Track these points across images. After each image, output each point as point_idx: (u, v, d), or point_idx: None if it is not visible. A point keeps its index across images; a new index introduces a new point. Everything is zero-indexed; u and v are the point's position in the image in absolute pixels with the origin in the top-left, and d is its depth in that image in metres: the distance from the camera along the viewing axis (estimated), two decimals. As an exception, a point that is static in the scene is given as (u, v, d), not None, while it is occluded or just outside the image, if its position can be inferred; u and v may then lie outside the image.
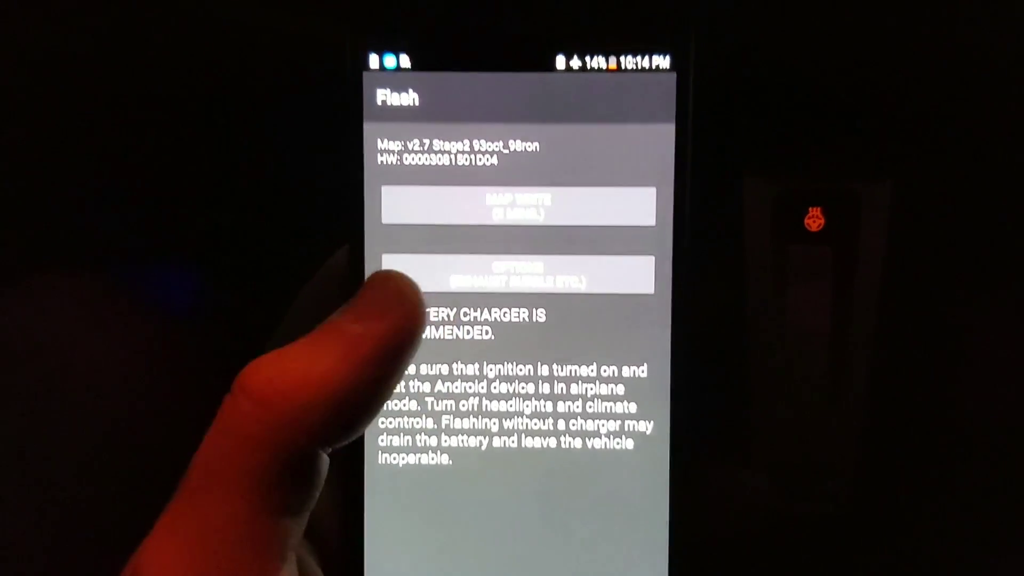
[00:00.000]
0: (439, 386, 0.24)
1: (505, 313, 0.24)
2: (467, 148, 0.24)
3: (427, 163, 0.24)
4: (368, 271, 0.24)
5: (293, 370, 0.19)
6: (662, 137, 0.24)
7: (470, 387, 0.24)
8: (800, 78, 0.29)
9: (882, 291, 0.29)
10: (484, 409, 0.24)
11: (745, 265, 0.30)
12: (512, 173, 0.24)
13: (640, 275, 0.24)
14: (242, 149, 0.27)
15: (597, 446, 0.24)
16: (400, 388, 0.24)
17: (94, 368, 0.28)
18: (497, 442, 0.24)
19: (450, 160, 0.24)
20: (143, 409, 0.28)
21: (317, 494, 0.19)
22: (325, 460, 0.19)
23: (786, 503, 0.30)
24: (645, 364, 0.24)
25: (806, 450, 0.30)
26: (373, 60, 0.24)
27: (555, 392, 0.24)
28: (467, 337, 0.24)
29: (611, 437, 0.24)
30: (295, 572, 0.20)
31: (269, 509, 0.18)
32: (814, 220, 0.30)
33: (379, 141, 0.24)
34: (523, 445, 0.24)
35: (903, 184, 0.29)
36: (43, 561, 0.22)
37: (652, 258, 0.24)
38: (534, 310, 0.24)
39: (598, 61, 0.24)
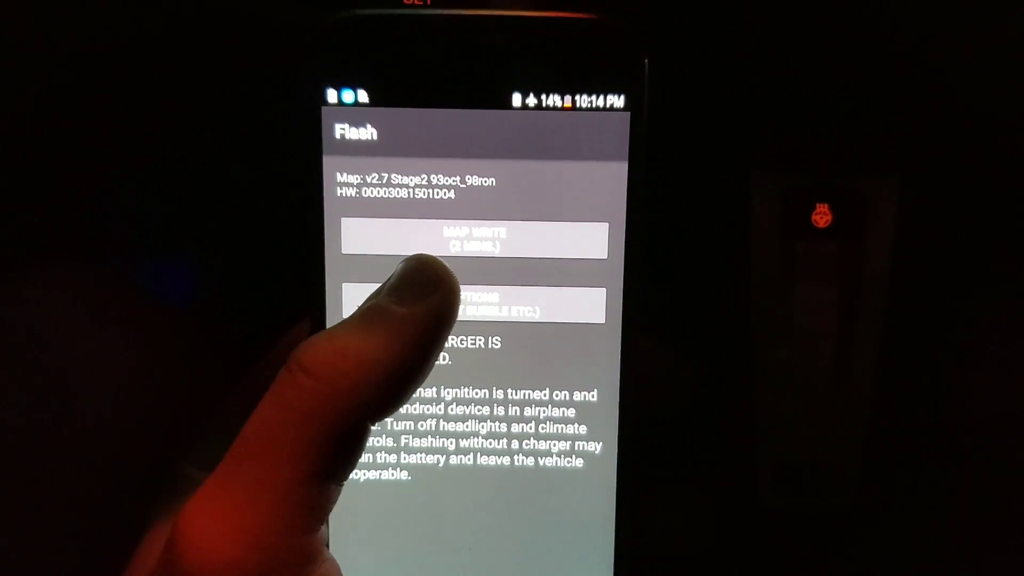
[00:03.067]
0: None
1: (462, 340, 0.25)
2: (425, 182, 0.24)
3: (386, 196, 0.25)
4: (329, 300, 0.25)
5: (348, 349, 0.20)
6: (615, 174, 0.24)
7: (428, 409, 0.26)
8: (806, 74, 0.29)
9: (889, 287, 0.30)
10: (441, 429, 0.26)
11: (751, 262, 0.30)
12: (469, 207, 0.25)
13: (592, 306, 0.25)
14: (206, 179, 0.28)
15: (548, 464, 0.26)
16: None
17: (95, 361, 0.29)
18: (454, 460, 0.26)
19: (408, 193, 0.25)
20: (143, 402, 0.29)
21: (357, 463, 0.21)
22: (368, 431, 0.21)
23: (789, 500, 0.31)
24: (595, 389, 0.25)
25: (810, 447, 0.31)
26: (331, 95, 0.24)
27: (509, 414, 0.26)
28: None
29: (562, 456, 0.26)
30: (327, 535, 0.21)
31: (319, 476, 0.20)
32: (821, 216, 0.30)
33: (338, 174, 0.24)
34: (478, 463, 0.26)
35: (910, 180, 0.30)
36: (43, 551, 0.23)
37: (604, 290, 0.25)
38: (490, 338, 0.25)
39: (553, 99, 0.24)
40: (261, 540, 0.20)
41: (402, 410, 0.25)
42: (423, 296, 0.22)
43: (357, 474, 0.26)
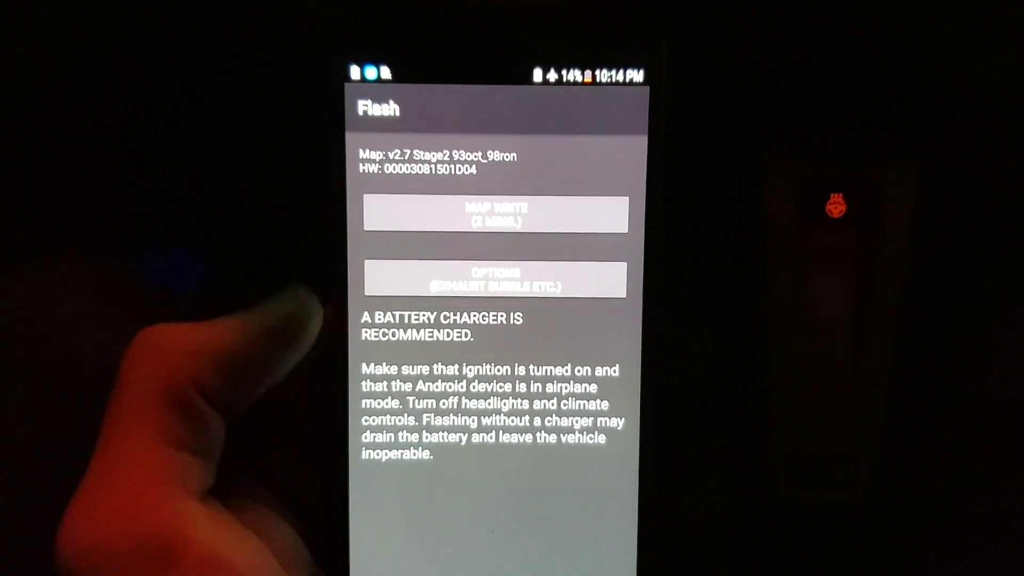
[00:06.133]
0: (420, 385, 0.25)
1: (484, 316, 0.25)
2: (447, 158, 0.25)
3: (408, 172, 0.25)
4: (351, 276, 0.25)
5: (183, 328, 0.23)
6: (635, 148, 0.25)
7: (450, 387, 0.25)
8: (822, 62, 0.29)
9: (905, 279, 0.30)
10: (463, 407, 0.26)
11: (766, 251, 0.30)
12: (490, 182, 0.25)
13: (613, 280, 0.25)
14: (230, 156, 0.28)
15: (571, 441, 0.26)
16: (383, 387, 0.25)
17: (95, 356, 0.29)
18: (476, 438, 0.26)
19: (430, 169, 0.25)
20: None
21: (209, 441, 0.22)
22: (199, 405, 0.22)
23: (804, 491, 0.31)
24: (617, 364, 0.25)
25: (825, 438, 0.31)
26: (355, 72, 0.24)
27: (531, 391, 0.26)
28: (447, 339, 0.25)
29: (584, 433, 0.26)
30: (221, 519, 0.22)
31: (162, 441, 0.21)
32: (836, 206, 0.30)
33: (361, 151, 0.25)
34: (500, 441, 0.26)
35: (927, 169, 0.29)
36: (45, 548, 0.23)
37: (624, 264, 0.25)
38: (511, 313, 0.25)
39: (574, 74, 0.24)
40: (122, 511, 0.21)
41: (423, 388, 0.26)
42: (275, 310, 0.24)
43: (379, 454, 0.26)
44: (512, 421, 0.26)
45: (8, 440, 0.29)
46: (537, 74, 0.24)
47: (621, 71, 0.24)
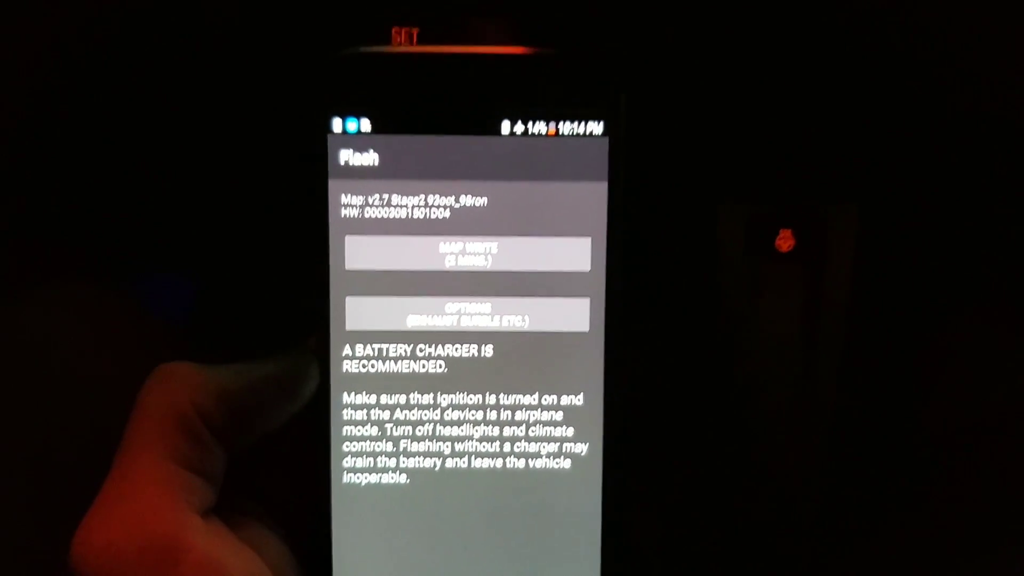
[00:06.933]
0: (397, 414, 0.27)
1: (456, 349, 0.27)
2: (422, 202, 0.27)
3: (386, 215, 0.27)
4: (333, 312, 0.27)
5: (195, 367, 0.25)
6: (596, 193, 0.27)
7: (425, 415, 0.27)
8: (770, 108, 0.32)
9: (849, 307, 0.32)
10: (438, 434, 0.27)
11: (720, 283, 0.32)
12: (463, 224, 0.27)
13: (577, 315, 0.27)
14: (224, 199, 0.30)
15: (538, 466, 0.27)
16: (363, 415, 0.27)
17: (95, 376, 0.30)
18: (450, 463, 0.27)
19: (407, 213, 0.27)
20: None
21: (212, 465, 0.25)
22: (203, 429, 0.24)
23: (759, 510, 0.33)
24: (581, 393, 0.27)
25: (778, 459, 0.33)
26: (337, 124, 0.26)
27: (501, 419, 0.27)
28: (422, 371, 0.27)
29: (551, 458, 0.27)
30: (220, 532, 0.24)
31: (171, 459, 0.24)
32: (784, 241, 0.32)
33: (343, 196, 0.26)
34: (472, 465, 0.27)
35: (868, 206, 0.32)
36: (47, 566, 0.25)
37: (587, 300, 0.27)
38: (482, 346, 0.27)
39: (539, 127, 0.26)
40: (132, 517, 0.23)
41: (401, 416, 0.27)
42: (277, 356, 0.26)
43: (359, 477, 0.27)
44: (483, 447, 0.27)
45: (32, 457, 0.31)
46: (505, 127, 0.26)
47: (582, 124, 0.26)
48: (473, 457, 0.27)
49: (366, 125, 0.26)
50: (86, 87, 0.29)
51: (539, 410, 0.27)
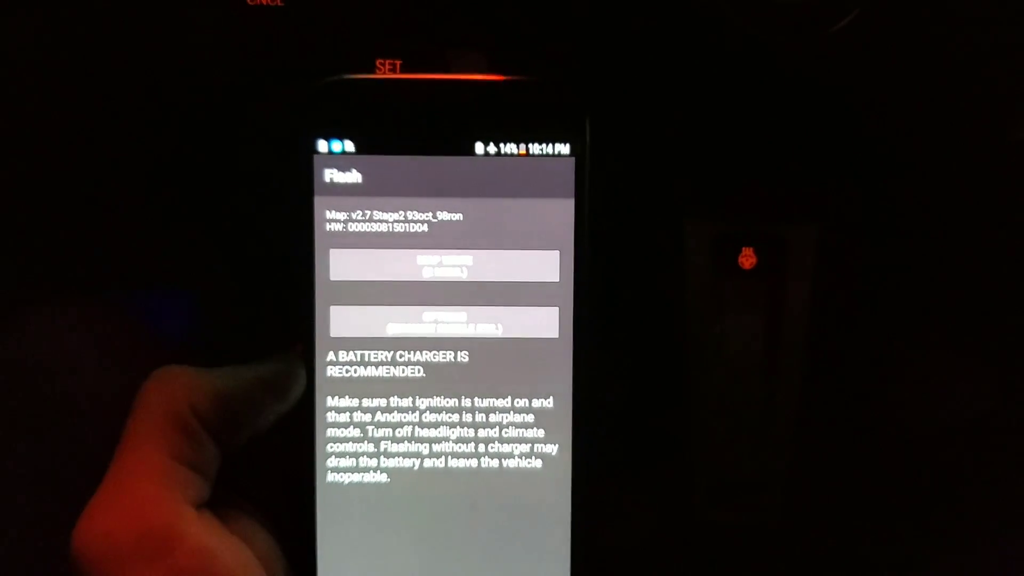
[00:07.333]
0: (378, 416, 0.29)
1: (434, 355, 0.29)
2: (402, 218, 0.29)
3: (368, 230, 0.29)
4: (318, 320, 0.29)
5: (191, 369, 0.27)
6: (564, 209, 0.29)
7: (405, 417, 0.29)
8: (733, 132, 0.33)
9: (809, 322, 0.33)
10: (416, 435, 0.29)
11: (685, 299, 0.34)
12: (439, 238, 0.29)
13: (546, 322, 0.29)
14: (217, 215, 0.32)
15: (511, 466, 0.29)
16: (346, 418, 0.29)
17: (96, 392, 0.32)
18: (428, 463, 0.29)
19: (388, 227, 0.29)
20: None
21: (205, 461, 0.26)
22: (197, 427, 0.26)
23: (721, 512, 0.34)
24: (551, 397, 0.29)
25: (740, 464, 0.34)
26: (322, 145, 0.28)
27: (476, 421, 0.29)
28: (402, 375, 0.29)
29: (523, 458, 0.29)
30: (212, 524, 0.26)
31: (167, 454, 0.25)
32: (747, 259, 0.34)
33: (327, 212, 0.28)
34: (449, 465, 0.29)
35: (827, 226, 0.33)
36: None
37: (556, 308, 0.29)
38: (458, 352, 0.29)
39: (510, 148, 0.28)
40: (129, 507, 0.24)
41: (381, 418, 0.29)
42: (268, 360, 0.28)
43: (342, 477, 0.29)
44: (459, 448, 0.29)
45: (37, 455, 0.32)
46: (479, 147, 0.28)
47: (550, 145, 0.28)
48: (450, 457, 0.29)
49: (349, 146, 0.28)
50: (82, 106, 0.31)
51: (512, 412, 0.29)
